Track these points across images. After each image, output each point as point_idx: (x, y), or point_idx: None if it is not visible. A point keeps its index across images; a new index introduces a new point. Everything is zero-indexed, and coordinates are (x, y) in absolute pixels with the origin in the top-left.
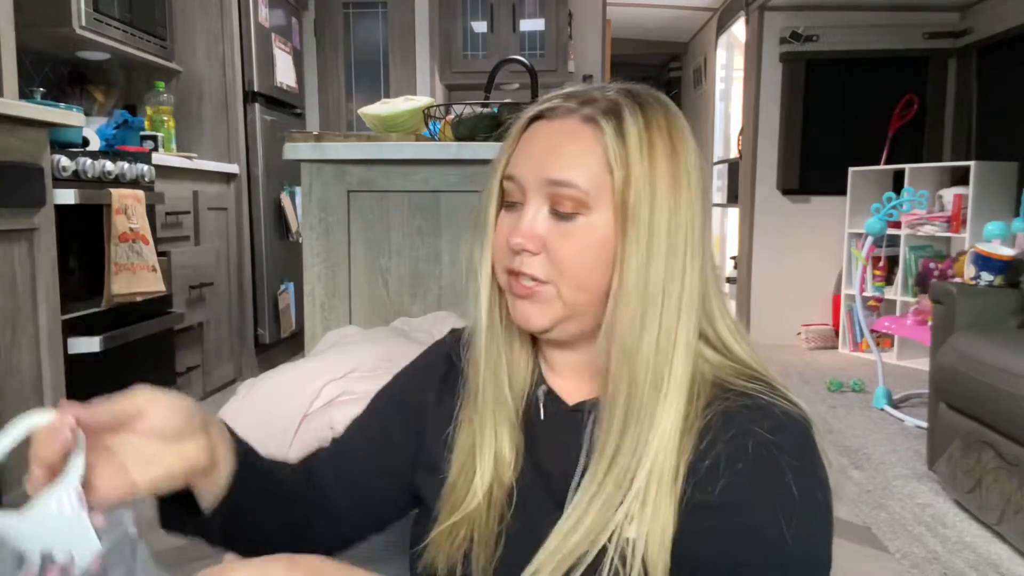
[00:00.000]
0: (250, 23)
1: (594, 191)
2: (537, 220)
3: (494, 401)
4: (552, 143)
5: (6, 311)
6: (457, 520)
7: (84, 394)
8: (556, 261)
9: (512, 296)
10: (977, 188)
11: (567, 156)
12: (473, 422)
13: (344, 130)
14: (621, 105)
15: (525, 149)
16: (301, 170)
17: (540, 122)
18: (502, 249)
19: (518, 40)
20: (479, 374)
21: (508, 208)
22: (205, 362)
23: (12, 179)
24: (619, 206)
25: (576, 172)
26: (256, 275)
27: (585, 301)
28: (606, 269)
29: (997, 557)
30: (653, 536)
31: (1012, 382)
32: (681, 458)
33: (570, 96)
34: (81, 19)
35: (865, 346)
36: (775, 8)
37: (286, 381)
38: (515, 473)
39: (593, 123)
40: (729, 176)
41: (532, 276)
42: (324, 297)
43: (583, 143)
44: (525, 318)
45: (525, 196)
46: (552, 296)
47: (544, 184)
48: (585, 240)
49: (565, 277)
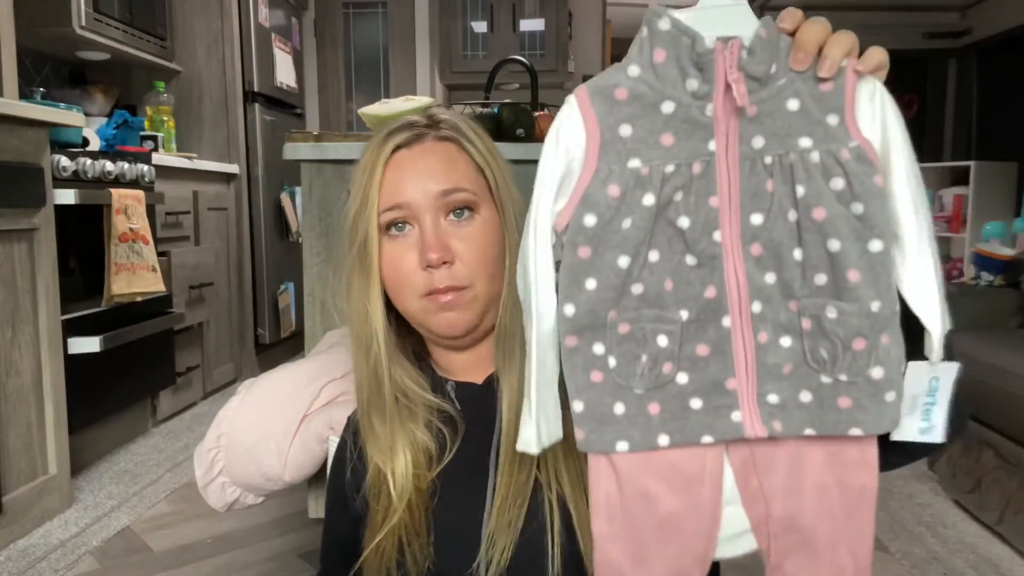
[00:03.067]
0: (250, 23)
1: (478, 191)
2: (439, 231)
3: (401, 420)
4: (426, 163)
5: (6, 311)
6: (380, 539)
7: (84, 394)
8: (468, 262)
9: (435, 311)
10: (977, 188)
11: (446, 168)
12: (377, 455)
13: (344, 130)
14: (456, 122)
15: (400, 177)
16: (301, 170)
17: (401, 152)
18: (407, 276)
19: (518, 40)
20: (385, 405)
21: (391, 238)
22: (205, 362)
23: (12, 179)
24: (498, 200)
25: (459, 178)
26: (256, 275)
27: (497, 290)
28: (504, 258)
29: (997, 557)
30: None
31: (1012, 382)
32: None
33: (411, 125)
34: (81, 19)
35: None
36: (775, 8)
37: (286, 381)
38: (441, 467)
39: (449, 139)
40: None
41: (455, 284)
42: (324, 297)
43: (452, 155)
44: (453, 325)
45: (416, 218)
46: (472, 297)
47: (436, 198)
48: (484, 236)
49: (478, 274)
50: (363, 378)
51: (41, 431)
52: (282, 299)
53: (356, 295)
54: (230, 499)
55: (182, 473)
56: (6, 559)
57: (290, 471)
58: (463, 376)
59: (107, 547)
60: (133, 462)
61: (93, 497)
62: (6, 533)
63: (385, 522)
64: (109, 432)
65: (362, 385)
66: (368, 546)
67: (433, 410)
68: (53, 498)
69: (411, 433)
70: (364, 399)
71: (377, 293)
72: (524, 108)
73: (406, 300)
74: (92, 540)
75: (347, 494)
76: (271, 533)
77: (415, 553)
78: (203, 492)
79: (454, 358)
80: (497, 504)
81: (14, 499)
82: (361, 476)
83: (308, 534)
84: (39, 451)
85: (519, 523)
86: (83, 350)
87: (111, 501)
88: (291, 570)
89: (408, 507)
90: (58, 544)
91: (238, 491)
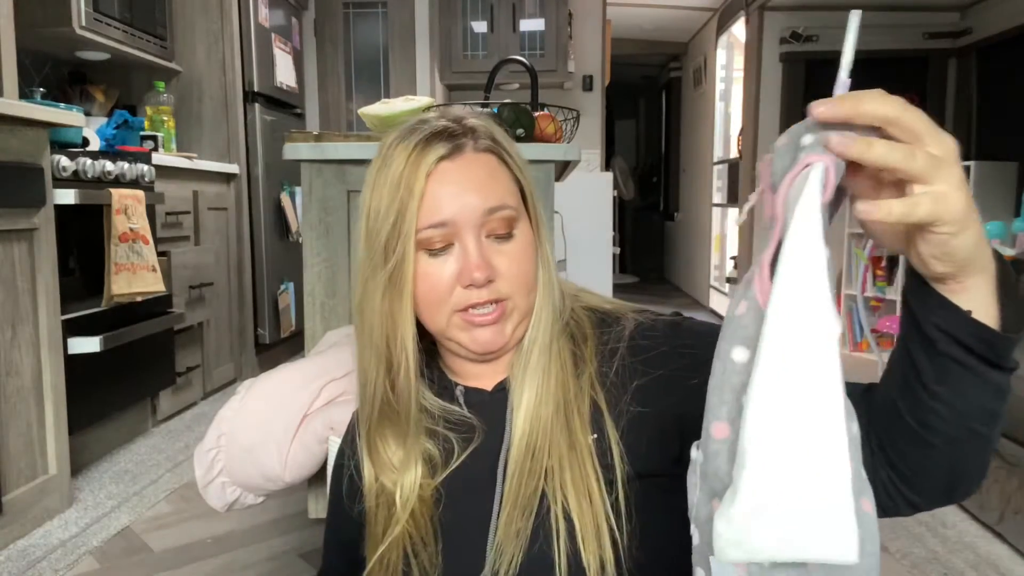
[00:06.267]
0: (250, 23)
1: (517, 205)
2: (481, 250)
3: (422, 432)
4: (469, 177)
5: (6, 311)
6: (383, 551)
7: (84, 394)
8: (508, 278)
9: (469, 328)
10: (977, 188)
11: (489, 184)
12: (383, 472)
13: (344, 130)
14: (488, 127)
15: (440, 192)
16: (301, 170)
17: (443, 163)
18: (442, 294)
19: (518, 40)
20: (409, 420)
21: (432, 255)
22: (205, 362)
23: (12, 179)
24: (532, 209)
25: (504, 194)
26: (256, 275)
27: (531, 303)
28: (536, 265)
29: (997, 557)
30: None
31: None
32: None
33: (450, 134)
34: (81, 19)
35: (865, 346)
36: (775, 8)
37: (286, 381)
38: (438, 478)
39: (488, 150)
40: (729, 176)
41: (494, 300)
42: (324, 297)
43: (492, 168)
44: (492, 341)
45: (459, 235)
46: (510, 310)
47: (481, 215)
48: (522, 250)
49: (516, 288)
50: (377, 393)
51: (41, 431)
52: (282, 299)
53: (382, 311)
54: (230, 499)
55: (182, 473)
56: (6, 559)
57: (290, 471)
58: (473, 382)
59: (107, 547)
60: (133, 462)
61: (93, 497)
62: (6, 533)
63: (387, 533)
64: (109, 432)
65: (375, 399)
66: (372, 557)
67: (442, 419)
68: (53, 498)
69: (422, 445)
70: (374, 415)
71: (409, 313)
72: (524, 108)
73: (439, 315)
74: (92, 540)
75: (346, 501)
76: (271, 533)
77: (423, 563)
78: (203, 492)
79: (470, 367)
80: (505, 514)
81: (14, 499)
82: (359, 486)
83: (308, 534)
84: (39, 451)
85: (527, 533)
86: (83, 350)
87: (111, 501)
88: (291, 570)
89: (412, 516)
90: (58, 544)
91: (238, 491)
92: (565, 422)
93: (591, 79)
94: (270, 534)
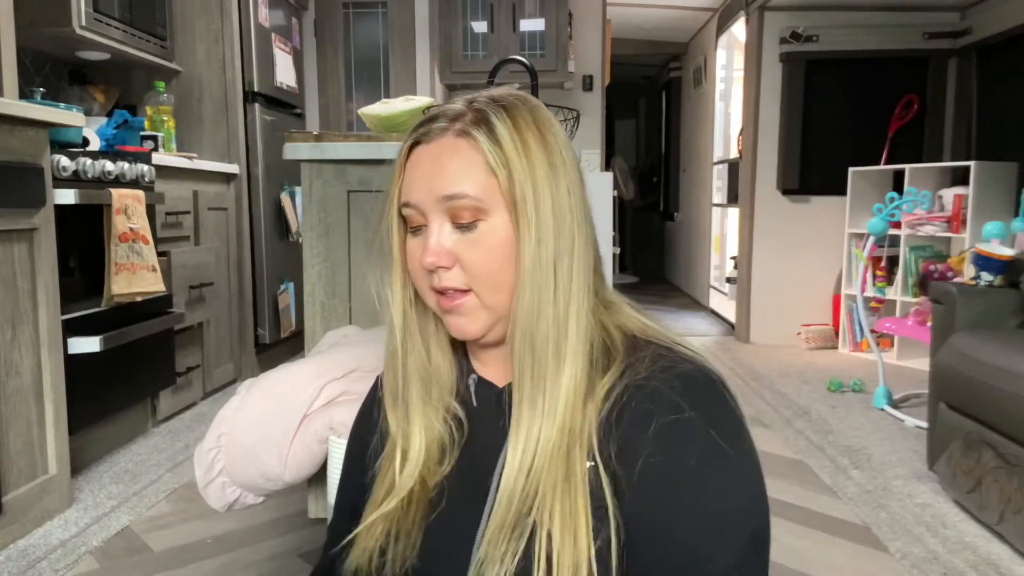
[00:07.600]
0: (250, 23)
1: (486, 196)
2: (442, 236)
3: (422, 403)
4: (436, 163)
5: (6, 311)
6: (374, 519)
7: (84, 394)
8: (469, 269)
9: (443, 312)
10: (977, 188)
11: (452, 171)
12: (396, 432)
13: (344, 130)
14: (487, 112)
15: (413, 175)
16: (301, 170)
17: (419, 147)
18: (419, 272)
19: (518, 40)
20: (402, 387)
21: (413, 233)
22: (205, 362)
23: (12, 179)
24: (510, 204)
25: (464, 183)
26: (256, 275)
27: (505, 300)
28: (514, 265)
29: (997, 557)
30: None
31: (1012, 382)
32: (587, 419)
33: (440, 116)
34: (81, 19)
35: (865, 346)
36: (775, 8)
37: (286, 381)
38: (448, 468)
39: (466, 135)
40: (729, 176)
41: (453, 288)
42: (324, 297)
43: (463, 155)
44: (460, 329)
45: (426, 217)
46: (476, 305)
47: (440, 202)
48: (490, 244)
49: (480, 282)
50: (386, 356)
51: (41, 431)
52: (282, 299)
53: (381, 282)
54: (230, 499)
55: (182, 473)
56: (6, 559)
57: (290, 471)
58: (488, 373)
59: (107, 547)
60: (133, 462)
61: (93, 497)
62: (6, 533)
63: (385, 501)
64: (109, 432)
65: (386, 363)
66: (367, 517)
67: (451, 402)
68: (53, 498)
69: (428, 419)
70: (388, 376)
71: (397, 277)
72: None
73: (424, 293)
74: (92, 540)
75: (366, 456)
76: (271, 533)
77: (396, 553)
78: (203, 492)
79: (478, 350)
80: (491, 532)
81: (14, 499)
82: (379, 440)
83: (308, 534)
84: (39, 451)
85: (512, 557)
86: (83, 350)
87: (111, 501)
88: (291, 570)
89: (408, 497)
90: (58, 544)
91: (238, 491)
92: (567, 451)
93: (591, 79)
94: (270, 534)
